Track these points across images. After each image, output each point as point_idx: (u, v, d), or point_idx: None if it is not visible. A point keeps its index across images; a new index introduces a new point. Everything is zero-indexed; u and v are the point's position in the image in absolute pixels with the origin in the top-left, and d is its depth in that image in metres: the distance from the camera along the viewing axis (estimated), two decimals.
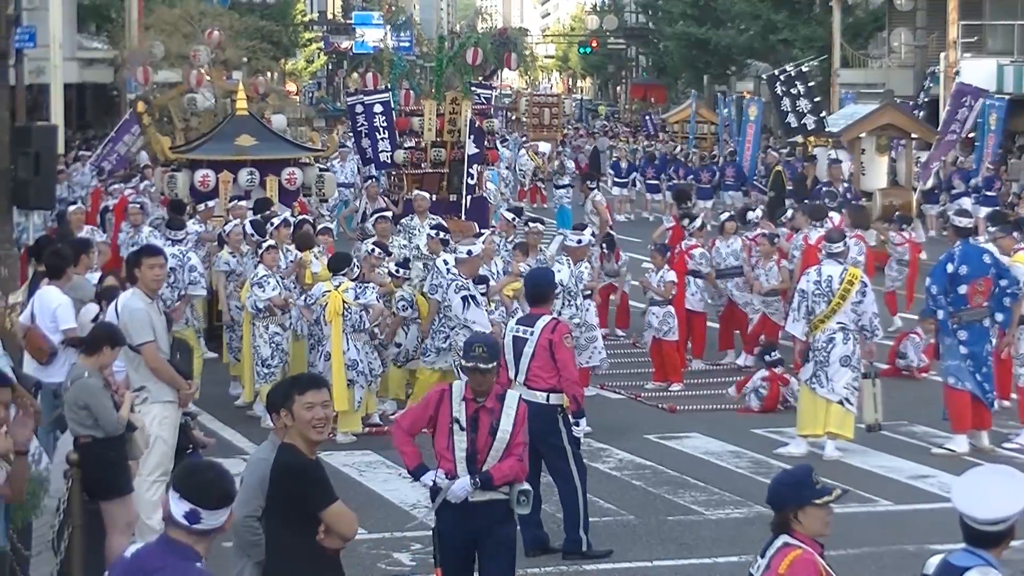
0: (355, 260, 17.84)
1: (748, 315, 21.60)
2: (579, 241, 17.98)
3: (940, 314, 16.71)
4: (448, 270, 17.42)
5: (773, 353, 19.09)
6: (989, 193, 35.35)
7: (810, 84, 34.98)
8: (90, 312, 13.25)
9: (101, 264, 17.39)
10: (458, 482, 9.72)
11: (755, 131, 42.94)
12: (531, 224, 20.52)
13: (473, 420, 9.79)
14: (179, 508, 6.13)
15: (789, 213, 23.63)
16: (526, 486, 9.82)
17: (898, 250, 24.75)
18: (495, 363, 9.83)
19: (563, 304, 17.03)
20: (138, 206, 23.42)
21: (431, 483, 9.85)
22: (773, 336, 20.87)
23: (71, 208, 22.47)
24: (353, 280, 17.15)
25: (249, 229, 19.56)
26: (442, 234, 18.94)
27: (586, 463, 13.30)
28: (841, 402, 16.14)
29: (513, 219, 22.11)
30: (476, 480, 9.68)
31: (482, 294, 16.76)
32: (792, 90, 33.98)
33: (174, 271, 17.80)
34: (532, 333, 12.71)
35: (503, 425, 9.75)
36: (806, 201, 26.10)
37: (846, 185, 30.79)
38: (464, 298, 16.37)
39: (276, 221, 19.38)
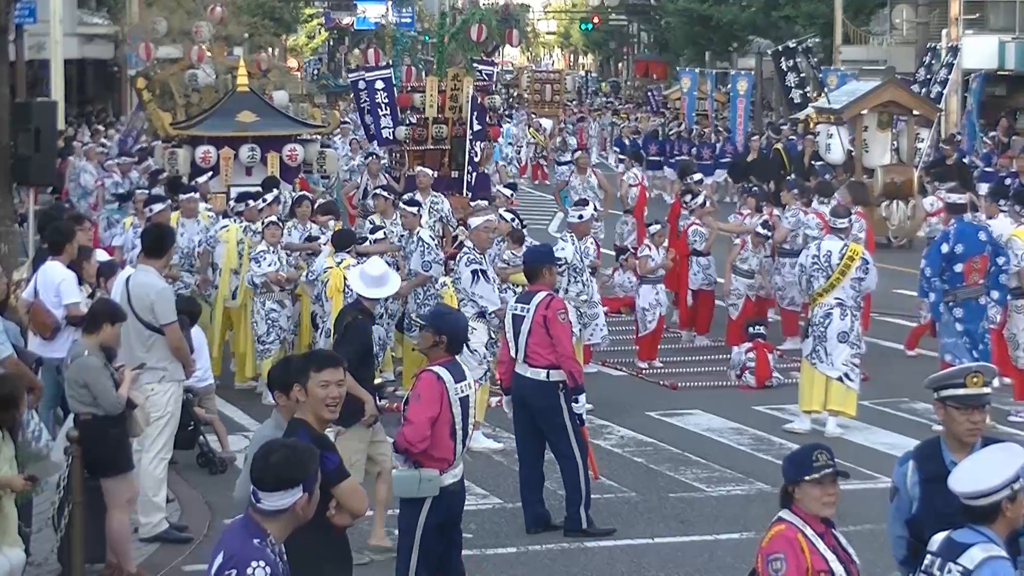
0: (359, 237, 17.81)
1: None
2: (580, 217, 17.74)
3: (932, 296, 16.70)
4: (439, 245, 17.34)
5: (756, 327, 19.15)
6: (988, 169, 35.16)
7: (815, 60, 34.88)
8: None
9: None
10: None
11: (744, 107, 42.79)
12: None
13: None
14: (251, 486, 6.29)
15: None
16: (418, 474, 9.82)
17: (931, 220, 24.45)
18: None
19: (569, 281, 16.90)
20: (146, 192, 22.71)
21: None
22: (762, 313, 20.79)
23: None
24: (356, 257, 17.10)
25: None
26: (415, 208, 18.54)
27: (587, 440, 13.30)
28: (841, 378, 16.14)
29: (511, 195, 22.10)
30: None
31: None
32: (801, 63, 33.76)
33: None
34: (528, 310, 12.73)
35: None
36: (791, 178, 25.84)
37: None
38: (474, 272, 15.98)
39: (268, 197, 19.27)
